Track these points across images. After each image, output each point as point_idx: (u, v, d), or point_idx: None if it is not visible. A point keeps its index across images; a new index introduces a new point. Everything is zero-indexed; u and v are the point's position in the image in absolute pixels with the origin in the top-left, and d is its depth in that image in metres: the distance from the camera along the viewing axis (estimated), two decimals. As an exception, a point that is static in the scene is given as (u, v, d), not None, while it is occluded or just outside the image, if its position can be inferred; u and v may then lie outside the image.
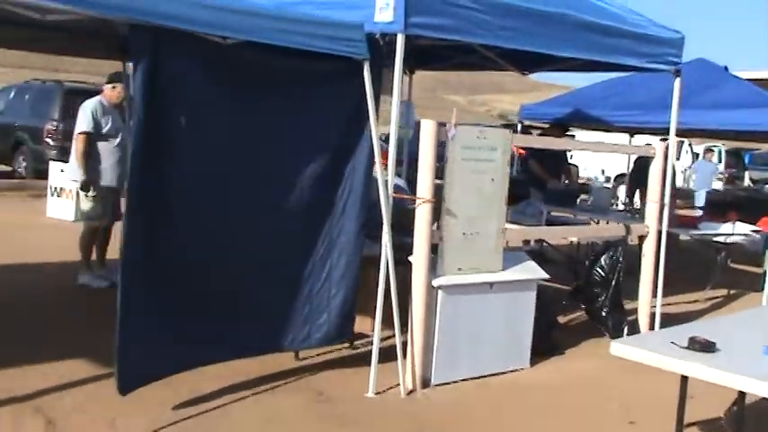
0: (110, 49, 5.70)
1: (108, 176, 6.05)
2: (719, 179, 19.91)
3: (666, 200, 5.83)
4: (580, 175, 16.41)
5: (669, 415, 3.30)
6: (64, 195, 9.61)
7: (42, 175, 11.77)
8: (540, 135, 8.36)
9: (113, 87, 6.10)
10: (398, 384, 4.29)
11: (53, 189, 9.74)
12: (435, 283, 4.37)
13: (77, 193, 9.38)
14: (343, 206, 4.13)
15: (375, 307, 4.25)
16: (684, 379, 3.09)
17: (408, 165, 7.67)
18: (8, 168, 12.91)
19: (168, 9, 3.24)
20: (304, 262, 4.15)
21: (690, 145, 20.88)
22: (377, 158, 4.15)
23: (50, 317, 5.29)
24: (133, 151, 3.34)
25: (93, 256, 6.31)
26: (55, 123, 11.96)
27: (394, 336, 4.31)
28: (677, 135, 6.36)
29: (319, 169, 4.01)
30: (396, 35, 4.08)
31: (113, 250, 6.29)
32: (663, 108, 8.03)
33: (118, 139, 6.09)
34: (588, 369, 5.04)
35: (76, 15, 3.12)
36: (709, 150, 18.38)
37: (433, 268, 4.38)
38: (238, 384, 4.08)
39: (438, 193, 4.31)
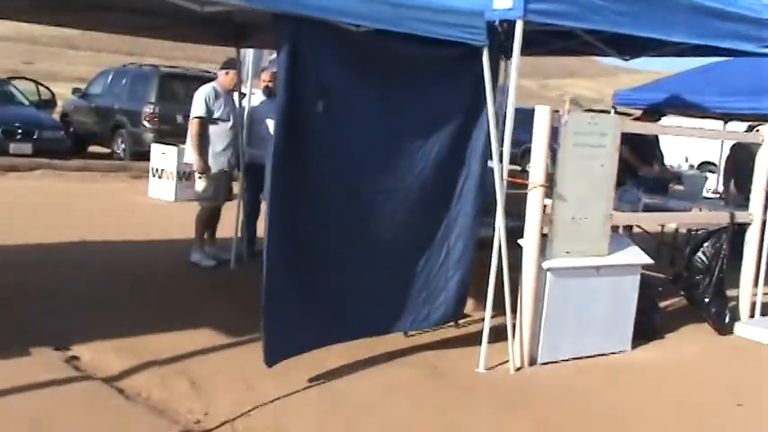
0: (224, 36, 5.98)
1: (220, 160, 6.35)
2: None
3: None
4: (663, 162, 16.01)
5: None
6: (165, 177, 10.09)
7: (140, 156, 12.39)
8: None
9: (226, 73, 6.40)
10: (507, 361, 4.45)
11: (155, 170, 10.23)
12: (545, 265, 4.50)
13: (182, 175, 9.93)
14: (461, 190, 4.29)
15: (479, 289, 4.41)
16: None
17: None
18: (107, 150, 13.56)
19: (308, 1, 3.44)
20: (424, 245, 4.33)
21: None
22: (493, 143, 4.29)
23: (174, 290, 5.65)
24: (276, 132, 3.57)
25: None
26: (152, 106, 12.49)
27: (497, 316, 4.47)
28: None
29: (440, 154, 4.17)
30: (514, 21, 4.21)
31: (223, 229, 6.68)
32: (763, 93, 7.93)
33: (230, 124, 6.39)
34: (690, 353, 5.09)
35: (229, 7, 3.36)
36: None
37: (542, 251, 4.50)
38: (360, 360, 4.30)
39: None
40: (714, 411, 4.19)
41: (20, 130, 11.19)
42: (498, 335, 4.49)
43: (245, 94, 6.65)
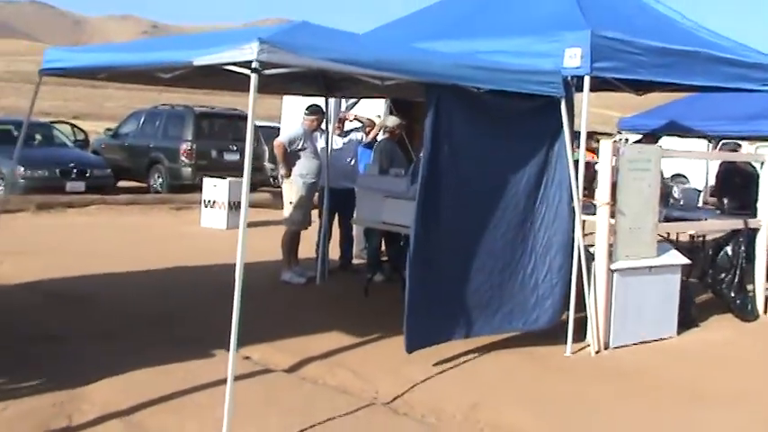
0: (318, 88, 7.04)
1: (310, 190, 7.42)
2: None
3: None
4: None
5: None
6: (217, 207, 11.06)
7: (177, 190, 13.37)
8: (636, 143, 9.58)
9: (310, 117, 7.47)
10: (586, 347, 5.55)
11: (206, 202, 11.20)
12: (612, 267, 5.62)
13: (233, 205, 10.91)
14: (556, 212, 5.35)
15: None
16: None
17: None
18: (143, 184, 14.48)
19: (446, 71, 4.56)
20: (531, 258, 5.35)
21: None
22: (571, 173, 5.42)
23: (289, 303, 6.65)
24: (423, 172, 4.66)
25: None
26: (189, 143, 13.51)
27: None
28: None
29: (538, 185, 5.27)
30: (582, 77, 5.37)
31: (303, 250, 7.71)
32: (742, 119, 9.41)
33: (315, 160, 7.46)
34: (726, 336, 6.23)
35: (401, 80, 4.44)
36: None
37: (609, 256, 5.63)
38: (472, 349, 5.34)
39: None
40: (759, 373, 5.33)
41: (74, 170, 12.08)
42: (576, 326, 5.59)
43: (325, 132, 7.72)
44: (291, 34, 4.00)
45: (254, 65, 3.66)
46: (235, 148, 14.14)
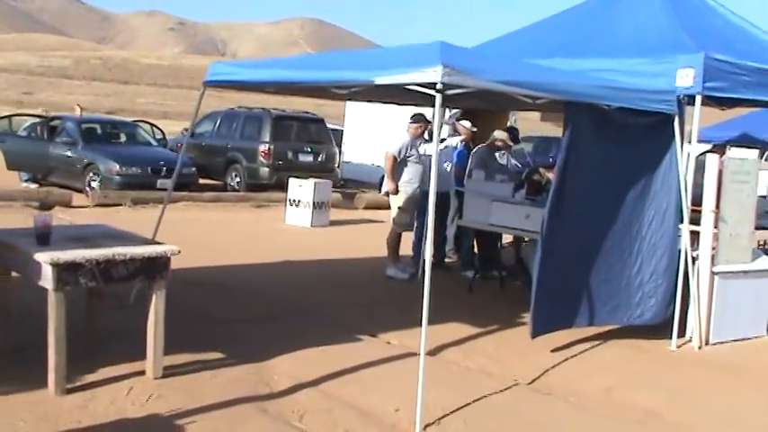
0: (424, 99, 7.62)
1: (414, 194, 8.02)
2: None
3: None
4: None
5: None
6: (302, 206, 11.72)
7: (254, 188, 14.08)
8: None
9: (415, 125, 8.08)
10: (689, 342, 6.09)
11: (291, 201, 11.85)
12: (714, 270, 6.15)
13: (317, 205, 11.56)
14: (663, 218, 5.89)
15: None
16: None
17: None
18: (219, 182, 15.20)
19: (586, 91, 5.14)
20: (637, 259, 5.90)
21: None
22: (682, 183, 5.96)
23: (403, 294, 7.22)
24: (556, 179, 5.24)
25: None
26: (267, 145, 14.22)
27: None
28: None
29: (649, 193, 5.82)
30: (693, 95, 5.91)
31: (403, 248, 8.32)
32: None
33: (419, 165, 8.06)
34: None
35: (550, 99, 5.03)
36: None
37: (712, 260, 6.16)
38: (580, 339, 5.92)
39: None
40: None
41: (164, 168, 12.81)
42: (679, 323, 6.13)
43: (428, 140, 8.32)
44: (465, 58, 4.60)
45: (438, 86, 4.26)
46: (309, 149, 14.82)
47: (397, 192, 7.99)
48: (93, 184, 12.84)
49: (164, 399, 4.19)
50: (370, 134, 16.54)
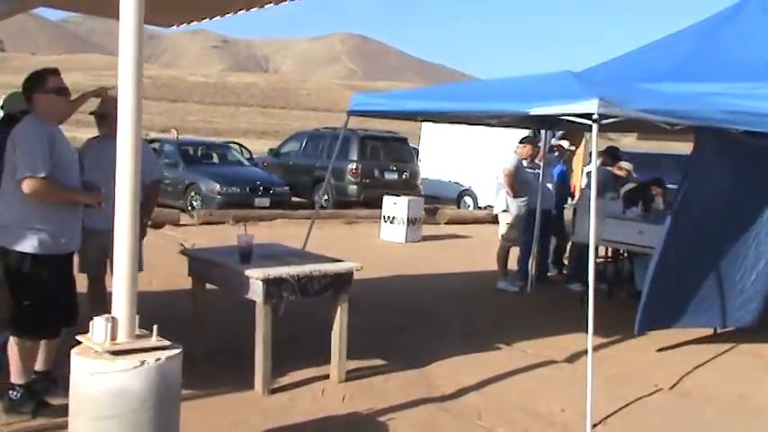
0: (533, 122, 8.11)
1: (521, 211, 8.48)
2: None
3: None
4: None
5: None
6: (396, 222, 12.26)
7: (342, 206, 14.70)
8: None
9: (524, 146, 8.56)
10: None
11: (386, 217, 12.40)
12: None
13: (411, 221, 12.09)
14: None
15: None
16: None
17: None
18: (305, 200, 15.88)
19: (717, 116, 5.54)
20: (742, 266, 6.28)
21: None
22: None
23: (520, 307, 7.71)
24: (679, 198, 5.68)
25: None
26: (355, 164, 14.86)
27: None
28: None
29: (762, 209, 6.21)
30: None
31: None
32: None
33: (526, 184, 8.52)
34: None
35: (683, 124, 5.46)
36: None
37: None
38: (704, 342, 6.30)
39: None
40: None
41: (261, 187, 13.52)
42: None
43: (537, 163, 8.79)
44: (615, 91, 5.07)
45: (594, 117, 4.73)
46: (394, 168, 15.41)
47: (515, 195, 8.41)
48: (195, 204, 13.61)
49: (356, 399, 4.71)
50: (447, 152, 17.09)
